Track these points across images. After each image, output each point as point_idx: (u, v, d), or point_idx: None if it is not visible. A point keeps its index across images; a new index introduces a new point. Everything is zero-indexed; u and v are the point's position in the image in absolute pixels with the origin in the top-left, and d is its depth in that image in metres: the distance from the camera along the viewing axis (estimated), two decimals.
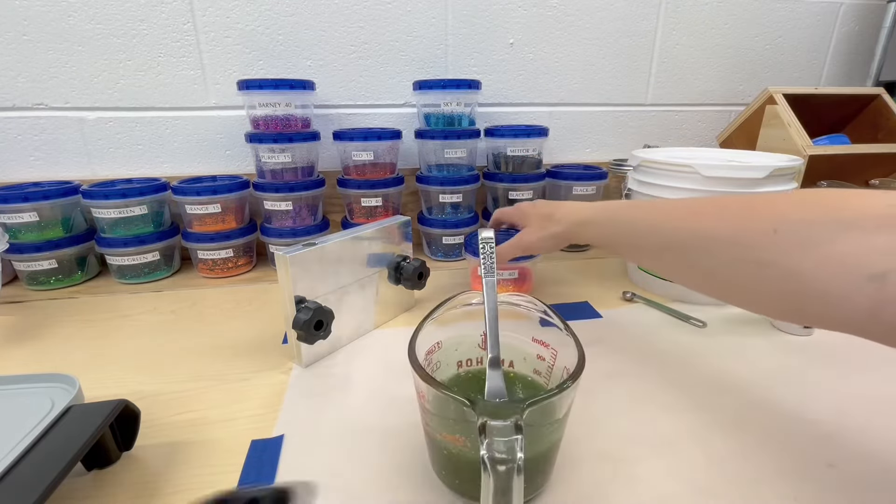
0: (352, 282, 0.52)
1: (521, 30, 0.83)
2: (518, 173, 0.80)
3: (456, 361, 0.40)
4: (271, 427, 0.39)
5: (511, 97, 0.87)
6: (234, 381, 0.46)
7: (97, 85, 0.73)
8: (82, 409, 0.35)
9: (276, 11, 0.75)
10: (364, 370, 0.48)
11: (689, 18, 0.89)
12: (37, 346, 0.53)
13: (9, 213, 0.66)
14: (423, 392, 0.30)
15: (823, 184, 0.78)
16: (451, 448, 0.30)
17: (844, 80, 1.01)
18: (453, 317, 0.38)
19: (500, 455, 0.23)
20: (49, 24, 0.69)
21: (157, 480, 0.34)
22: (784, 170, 0.57)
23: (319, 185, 0.75)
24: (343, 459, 0.36)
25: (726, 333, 0.54)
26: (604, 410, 0.41)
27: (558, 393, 0.27)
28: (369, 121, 0.83)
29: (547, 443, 0.30)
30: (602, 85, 0.90)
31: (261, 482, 0.33)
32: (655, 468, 0.35)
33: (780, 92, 0.80)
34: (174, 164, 0.79)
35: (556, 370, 0.36)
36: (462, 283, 0.69)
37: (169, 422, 0.40)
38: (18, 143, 0.73)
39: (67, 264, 0.70)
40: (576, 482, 0.33)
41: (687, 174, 0.58)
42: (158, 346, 0.53)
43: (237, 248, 0.73)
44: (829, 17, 0.95)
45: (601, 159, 0.93)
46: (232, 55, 0.75)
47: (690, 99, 0.95)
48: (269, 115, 0.70)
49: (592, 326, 0.56)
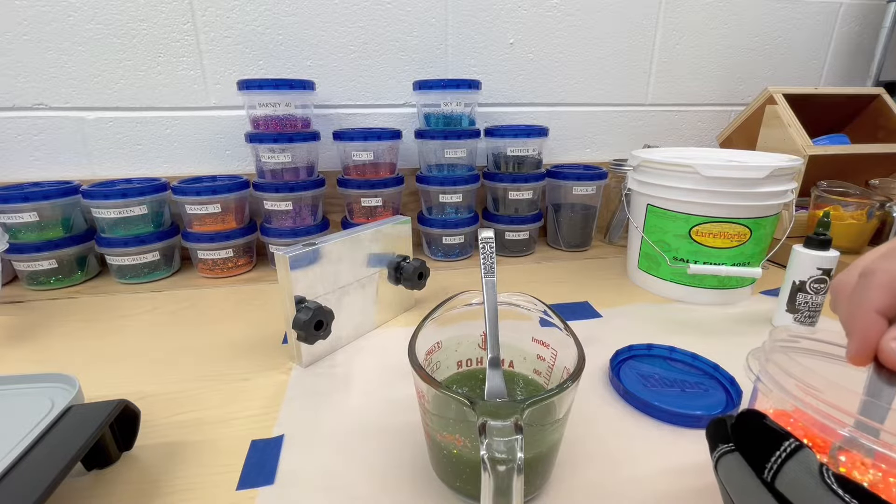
0: (352, 282, 0.52)
1: (521, 30, 0.83)
2: (518, 173, 0.80)
3: (456, 361, 0.40)
4: (271, 427, 0.39)
5: (511, 97, 0.87)
6: (234, 381, 0.46)
7: (97, 85, 0.73)
8: (82, 409, 0.35)
9: (276, 11, 0.75)
10: (364, 370, 0.48)
11: (689, 18, 0.89)
12: (37, 346, 0.53)
13: (9, 213, 0.66)
14: (423, 392, 0.30)
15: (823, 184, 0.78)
16: (452, 448, 0.30)
17: (844, 80, 1.01)
18: (453, 317, 0.38)
19: (499, 455, 0.23)
20: (49, 24, 0.69)
21: (157, 480, 0.34)
22: (784, 170, 0.57)
23: (319, 185, 0.75)
24: (343, 459, 0.36)
25: (727, 333, 0.54)
26: (604, 410, 0.41)
27: (558, 393, 0.27)
28: (369, 121, 0.83)
29: (547, 443, 0.30)
30: (602, 85, 0.90)
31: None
32: (656, 468, 0.35)
33: (780, 92, 0.80)
34: (174, 164, 0.79)
35: (556, 370, 0.36)
36: (462, 283, 0.69)
37: (169, 422, 0.40)
38: (18, 143, 0.73)
39: (67, 264, 0.70)
40: (576, 482, 0.33)
41: (687, 174, 0.58)
42: (158, 346, 0.53)
43: (237, 248, 0.73)
44: (829, 17, 0.95)
45: (601, 159, 0.93)
46: (232, 55, 0.75)
47: (690, 99, 0.95)
48: (269, 115, 0.70)
49: (592, 326, 0.56)
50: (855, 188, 0.76)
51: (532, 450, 0.29)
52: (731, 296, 0.62)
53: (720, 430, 0.25)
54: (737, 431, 0.24)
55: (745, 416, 0.24)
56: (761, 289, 0.66)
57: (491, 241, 0.40)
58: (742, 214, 0.58)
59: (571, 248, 0.85)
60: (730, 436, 0.24)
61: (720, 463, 0.24)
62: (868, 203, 0.72)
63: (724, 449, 0.24)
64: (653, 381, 0.45)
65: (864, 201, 0.72)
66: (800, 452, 0.21)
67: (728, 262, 0.60)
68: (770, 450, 0.21)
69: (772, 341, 0.30)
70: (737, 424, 0.24)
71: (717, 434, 0.25)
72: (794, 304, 0.53)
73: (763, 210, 0.58)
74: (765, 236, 0.60)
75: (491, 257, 0.38)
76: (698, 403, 0.42)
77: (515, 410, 0.25)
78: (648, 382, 0.45)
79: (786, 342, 0.32)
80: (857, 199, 0.72)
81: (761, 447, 0.22)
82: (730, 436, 0.24)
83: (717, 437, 0.25)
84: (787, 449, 0.21)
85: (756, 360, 0.30)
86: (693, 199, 0.58)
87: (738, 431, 0.24)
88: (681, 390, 0.44)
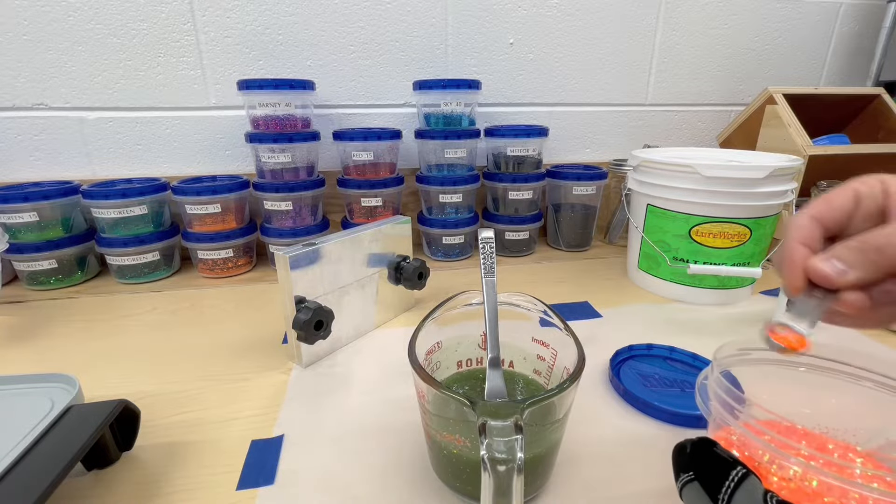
0: (352, 282, 0.52)
1: (521, 30, 0.83)
2: (518, 173, 0.80)
3: (456, 361, 0.40)
4: (271, 427, 0.39)
5: (511, 97, 0.87)
6: (234, 381, 0.46)
7: (97, 85, 0.73)
8: (82, 409, 0.35)
9: (276, 11, 0.75)
10: (364, 370, 0.48)
11: (689, 18, 0.89)
12: (37, 346, 0.53)
13: (9, 213, 0.66)
14: (423, 392, 0.30)
15: (823, 184, 0.78)
16: (452, 448, 0.30)
17: (844, 80, 1.01)
18: (453, 317, 0.38)
19: (500, 455, 0.23)
20: (49, 24, 0.69)
21: (157, 480, 0.34)
22: (784, 170, 0.57)
23: (319, 185, 0.75)
24: (343, 459, 0.36)
25: (727, 333, 0.54)
26: (603, 410, 0.41)
27: (558, 393, 0.27)
28: (369, 121, 0.83)
29: (547, 443, 0.30)
30: (602, 85, 0.90)
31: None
32: (656, 468, 0.35)
33: (780, 92, 0.80)
34: (174, 164, 0.79)
35: (556, 370, 0.36)
36: (462, 283, 0.69)
37: (169, 422, 0.40)
38: (18, 143, 0.73)
39: (67, 264, 0.70)
40: (575, 483, 0.33)
41: (687, 174, 0.58)
42: (158, 346, 0.53)
43: (237, 248, 0.73)
44: (829, 17, 0.95)
45: (601, 159, 0.93)
46: (232, 55, 0.75)
47: (690, 99, 0.95)
48: (269, 115, 0.70)
49: (592, 326, 0.56)
50: None
51: (532, 450, 0.29)
52: (731, 296, 0.62)
53: (681, 458, 0.26)
54: (694, 460, 0.25)
55: (698, 444, 0.25)
56: (761, 289, 0.66)
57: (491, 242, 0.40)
58: (742, 214, 0.58)
59: (571, 248, 0.85)
60: (689, 464, 0.25)
61: (683, 492, 0.25)
62: None
63: (685, 478, 0.25)
64: (653, 381, 0.45)
65: None
66: (746, 481, 0.22)
67: (728, 262, 0.60)
68: (721, 479, 0.23)
69: (716, 361, 0.31)
70: (692, 453, 0.25)
71: (678, 462, 0.26)
72: (794, 304, 0.53)
73: (763, 210, 0.58)
74: (765, 236, 0.60)
75: (491, 257, 0.38)
76: None
77: (515, 410, 0.25)
78: (648, 382, 0.45)
79: (733, 357, 0.32)
80: None
81: (715, 476, 0.23)
82: (689, 464, 0.25)
83: (679, 465, 0.26)
84: (734, 478, 0.22)
85: (702, 384, 0.31)
86: (693, 199, 0.58)
87: (694, 460, 0.25)
88: (681, 390, 0.44)
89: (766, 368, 0.33)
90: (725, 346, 0.32)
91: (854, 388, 0.31)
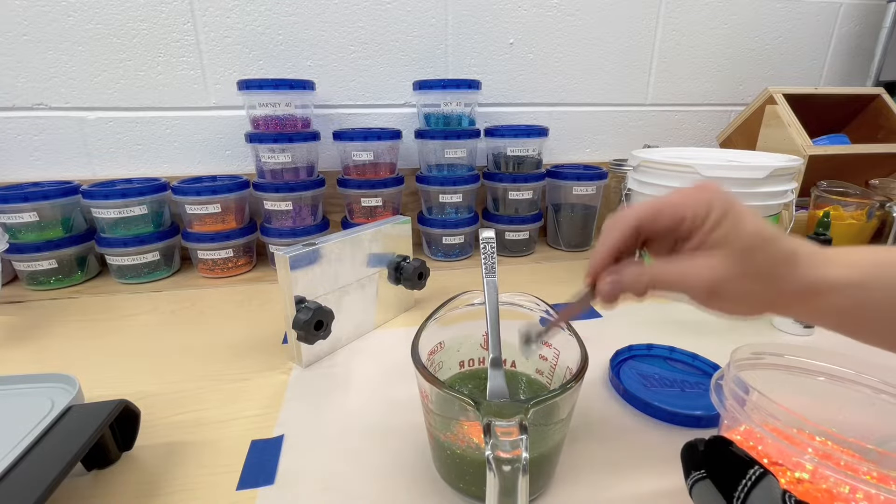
0: (352, 282, 0.52)
1: (521, 30, 0.83)
2: (518, 173, 0.80)
3: (458, 361, 0.40)
4: (271, 427, 0.39)
5: (511, 97, 0.87)
6: (234, 381, 0.46)
7: (97, 85, 0.73)
8: (82, 409, 0.35)
9: (276, 11, 0.75)
10: (364, 370, 0.48)
11: (689, 18, 0.89)
12: (37, 346, 0.53)
13: (9, 213, 0.66)
14: (426, 392, 0.30)
15: (823, 184, 0.78)
16: (455, 448, 0.30)
17: (844, 80, 1.01)
18: (455, 317, 0.38)
19: (505, 455, 0.23)
20: (49, 24, 0.69)
21: (157, 480, 0.34)
22: (784, 170, 0.57)
23: (319, 185, 0.75)
24: (343, 459, 0.36)
25: (727, 333, 0.54)
26: (604, 410, 0.41)
27: (562, 393, 0.27)
28: (369, 121, 0.83)
29: (550, 443, 0.30)
30: (602, 85, 0.90)
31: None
32: (656, 468, 0.34)
33: (780, 92, 0.80)
34: (174, 164, 0.79)
35: (558, 370, 0.36)
36: (462, 283, 0.69)
37: (169, 422, 0.40)
38: (18, 143, 0.73)
39: (67, 264, 0.70)
40: (577, 482, 0.33)
41: (687, 174, 0.58)
42: (158, 346, 0.53)
43: (237, 248, 0.73)
44: (829, 17, 0.95)
45: (601, 159, 0.92)
46: (232, 55, 0.75)
47: (690, 99, 0.95)
48: (269, 115, 0.70)
49: (592, 326, 0.56)
50: (855, 188, 0.76)
51: (536, 449, 0.29)
52: None
53: (693, 456, 0.26)
54: (707, 458, 0.25)
55: (713, 443, 0.25)
56: None
57: (492, 242, 0.39)
58: None
59: (571, 248, 0.85)
60: (701, 462, 0.25)
61: (694, 490, 0.25)
62: (868, 203, 0.72)
63: (696, 476, 0.25)
64: (653, 381, 0.45)
65: (864, 201, 0.72)
66: (764, 480, 0.22)
67: None
68: (737, 478, 0.23)
69: (733, 363, 0.32)
70: (706, 451, 0.25)
71: (690, 460, 0.26)
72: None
73: (763, 210, 0.58)
74: None
75: (492, 257, 0.38)
76: (698, 403, 0.42)
77: (520, 410, 0.25)
78: (648, 382, 0.45)
79: (747, 360, 0.33)
80: (857, 199, 0.73)
81: (730, 475, 0.23)
82: (701, 462, 0.25)
83: (690, 462, 0.26)
84: (751, 477, 0.23)
85: (717, 384, 0.32)
86: None
87: (708, 458, 0.25)
88: (681, 390, 0.44)
89: (779, 374, 0.33)
90: (741, 348, 0.33)
91: (873, 398, 0.31)
